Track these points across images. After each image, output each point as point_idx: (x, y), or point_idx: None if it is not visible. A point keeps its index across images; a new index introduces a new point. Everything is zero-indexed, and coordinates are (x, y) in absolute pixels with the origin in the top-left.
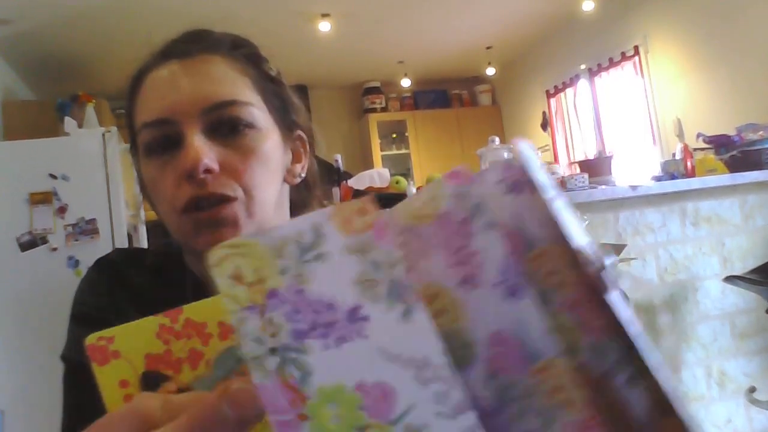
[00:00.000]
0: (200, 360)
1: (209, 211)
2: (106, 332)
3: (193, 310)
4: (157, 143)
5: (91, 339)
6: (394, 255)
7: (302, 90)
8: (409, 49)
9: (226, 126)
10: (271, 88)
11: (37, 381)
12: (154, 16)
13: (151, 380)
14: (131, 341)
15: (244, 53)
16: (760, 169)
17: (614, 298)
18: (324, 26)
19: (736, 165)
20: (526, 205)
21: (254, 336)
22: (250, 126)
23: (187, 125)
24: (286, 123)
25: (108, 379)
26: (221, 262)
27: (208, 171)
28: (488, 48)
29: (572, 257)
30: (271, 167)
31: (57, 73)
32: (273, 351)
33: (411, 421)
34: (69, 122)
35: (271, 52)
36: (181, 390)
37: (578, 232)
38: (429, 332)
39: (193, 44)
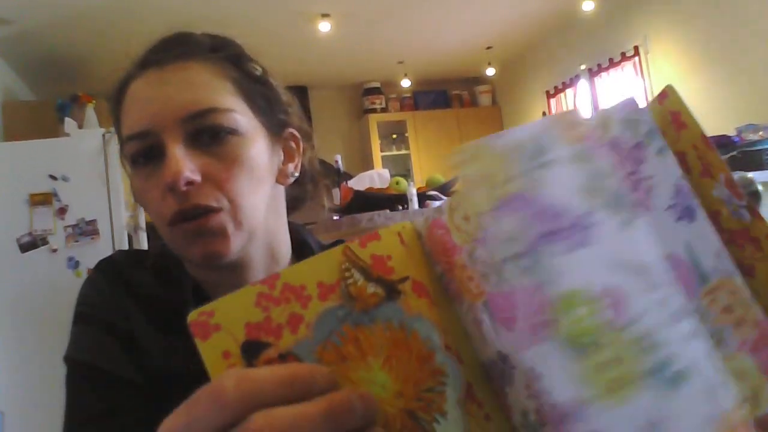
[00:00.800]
0: (300, 323)
1: (194, 222)
2: (206, 307)
3: (290, 274)
4: (140, 155)
5: (193, 316)
6: (610, 165)
7: (302, 90)
8: (409, 49)
9: (207, 134)
10: (256, 88)
11: (37, 382)
12: (153, 16)
13: (252, 349)
14: (231, 312)
15: (225, 55)
16: (760, 170)
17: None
18: (324, 26)
19: (736, 165)
20: (697, 233)
21: (498, 239)
22: (233, 132)
23: (168, 136)
24: (274, 123)
25: (211, 352)
26: (460, 166)
27: (190, 183)
28: (488, 48)
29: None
30: (256, 173)
31: (57, 73)
32: (516, 256)
33: (641, 326)
34: (69, 123)
35: (271, 52)
36: (281, 356)
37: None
38: (649, 239)
39: (170, 51)
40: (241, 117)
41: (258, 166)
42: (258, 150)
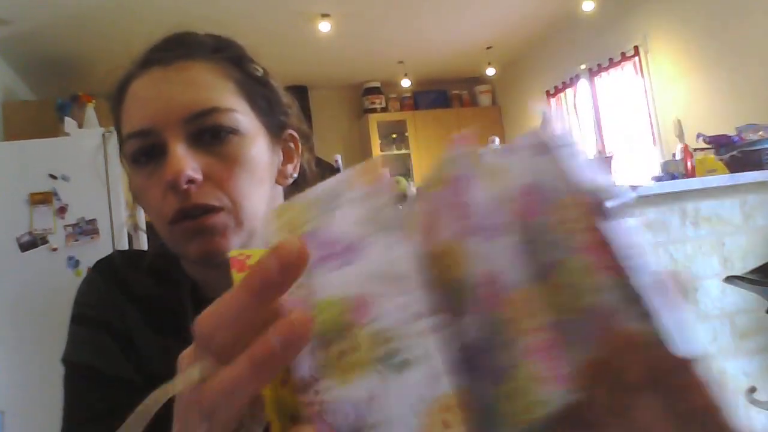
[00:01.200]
0: None
1: (195, 221)
2: (246, 250)
3: None
4: (141, 153)
5: (234, 253)
6: (388, 199)
7: (302, 90)
8: (409, 49)
9: (209, 134)
10: (257, 89)
11: (37, 381)
12: (154, 15)
13: None
14: None
15: (227, 56)
16: (760, 170)
17: (614, 226)
18: (324, 26)
19: (736, 165)
20: (546, 163)
21: None
22: (234, 132)
23: (170, 134)
24: (275, 124)
25: None
26: (273, 221)
27: (191, 182)
28: (488, 48)
29: (587, 203)
30: (257, 173)
31: (57, 73)
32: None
33: (380, 323)
34: (69, 122)
35: (271, 52)
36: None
37: (598, 177)
38: (407, 256)
39: (173, 51)
40: (243, 117)
41: (259, 167)
42: (259, 150)
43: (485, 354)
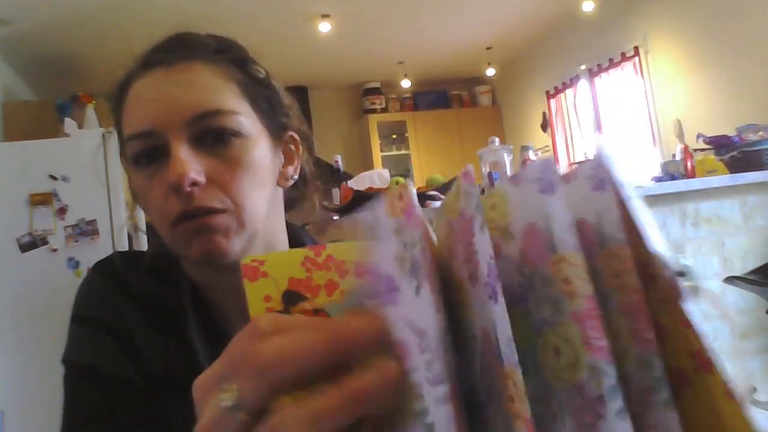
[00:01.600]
0: (335, 289)
1: (197, 220)
2: (258, 256)
3: (335, 249)
4: (143, 155)
5: (246, 260)
6: (415, 236)
7: (302, 90)
8: (409, 49)
9: (211, 136)
10: (260, 91)
11: (37, 381)
12: (154, 15)
13: (292, 298)
14: (279, 265)
15: (230, 57)
16: (761, 170)
17: (688, 307)
18: (324, 26)
19: (736, 166)
20: (606, 203)
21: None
22: (237, 135)
23: (173, 136)
24: (276, 126)
25: (255, 293)
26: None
27: (194, 184)
28: (488, 48)
29: (640, 261)
30: (259, 176)
31: (57, 73)
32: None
33: (415, 376)
34: (69, 123)
35: (271, 52)
36: (315, 310)
37: (654, 237)
38: (430, 307)
39: (176, 52)
40: (246, 119)
41: (261, 169)
42: (261, 152)
43: (521, 302)
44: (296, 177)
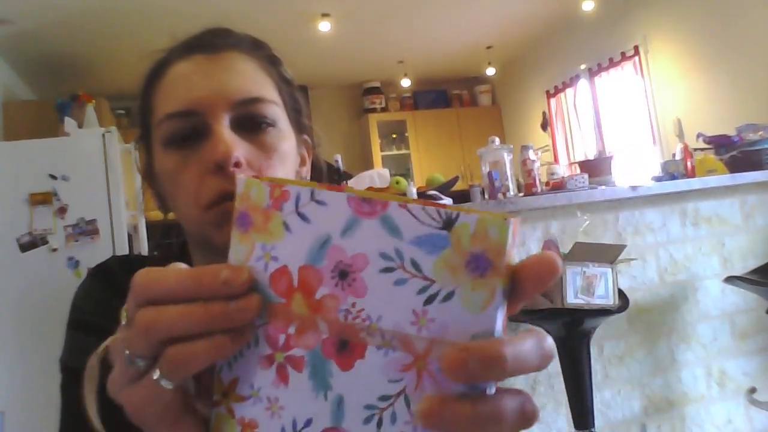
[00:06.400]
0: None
1: None
2: (277, 179)
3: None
4: (180, 135)
5: (265, 180)
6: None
7: (302, 90)
8: (409, 49)
9: (250, 122)
10: (288, 90)
11: (36, 381)
12: (154, 16)
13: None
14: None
15: (265, 54)
16: (760, 170)
17: None
18: (324, 26)
19: (736, 165)
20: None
21: None
22: (273, 124)
23: (214, 118)
24: (300, 126)
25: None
26: None
27: (237, 165)
28: (488, 48)
29: None
30: (288, 167)
31: (57, 73)
32: None
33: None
34: (69, 122)
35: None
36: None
37: None
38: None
39: (220, 39)
40: (281, 112)
41: (289, 161)
42: (290, 145)
43: None
44: (308, 178)
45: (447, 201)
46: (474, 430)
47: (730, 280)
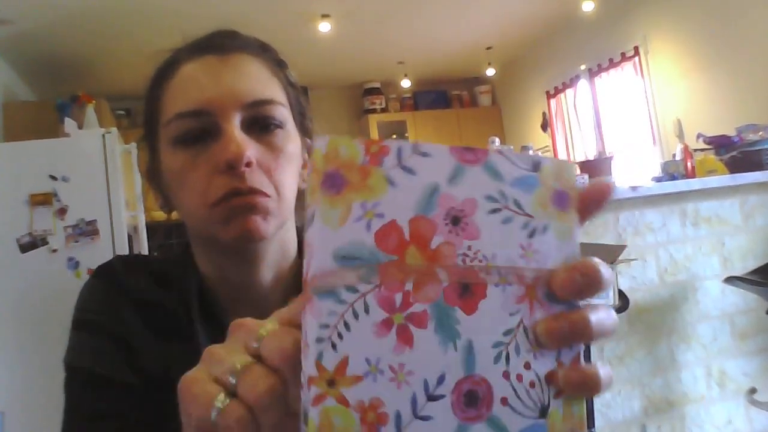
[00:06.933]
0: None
1: (246, 197)
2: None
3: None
4: (190, 134)
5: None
6: None
7: (302, 90)
8: (409, 49)
9: (259, 123)
10: (293, 93)
11: (37, 382)
12: (154, 16)
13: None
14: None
15: (272, 57)
16: (761, 170)
17: None
18: (324, 26)
19: (736, 165)
20: None
21: None
22: (281, 126)
23: (225, 118)
24: (304, 128)
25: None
26: None
27: (248, 164)
28: (488, 48)
29: None
30: (295, 168)
31: (57, 73)
32: None
33: None
34: (69, 123)
35: None
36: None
37: None
38: None
39: (229, 41)
40: (288, 114)
41: (296, 162)
42: (296, 148)
43: None
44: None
45: None
46: (586, 334)
47: (730, 280)
